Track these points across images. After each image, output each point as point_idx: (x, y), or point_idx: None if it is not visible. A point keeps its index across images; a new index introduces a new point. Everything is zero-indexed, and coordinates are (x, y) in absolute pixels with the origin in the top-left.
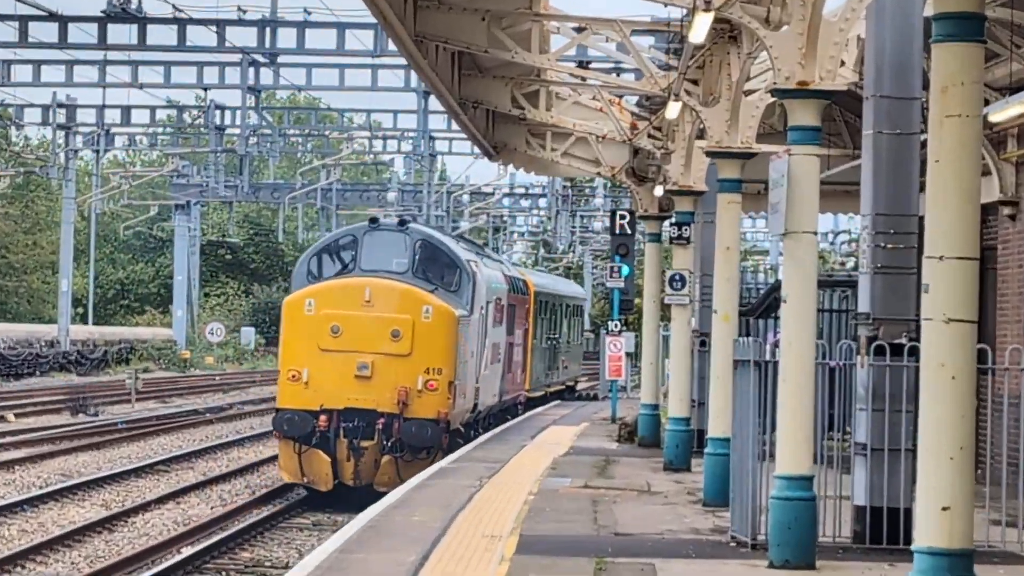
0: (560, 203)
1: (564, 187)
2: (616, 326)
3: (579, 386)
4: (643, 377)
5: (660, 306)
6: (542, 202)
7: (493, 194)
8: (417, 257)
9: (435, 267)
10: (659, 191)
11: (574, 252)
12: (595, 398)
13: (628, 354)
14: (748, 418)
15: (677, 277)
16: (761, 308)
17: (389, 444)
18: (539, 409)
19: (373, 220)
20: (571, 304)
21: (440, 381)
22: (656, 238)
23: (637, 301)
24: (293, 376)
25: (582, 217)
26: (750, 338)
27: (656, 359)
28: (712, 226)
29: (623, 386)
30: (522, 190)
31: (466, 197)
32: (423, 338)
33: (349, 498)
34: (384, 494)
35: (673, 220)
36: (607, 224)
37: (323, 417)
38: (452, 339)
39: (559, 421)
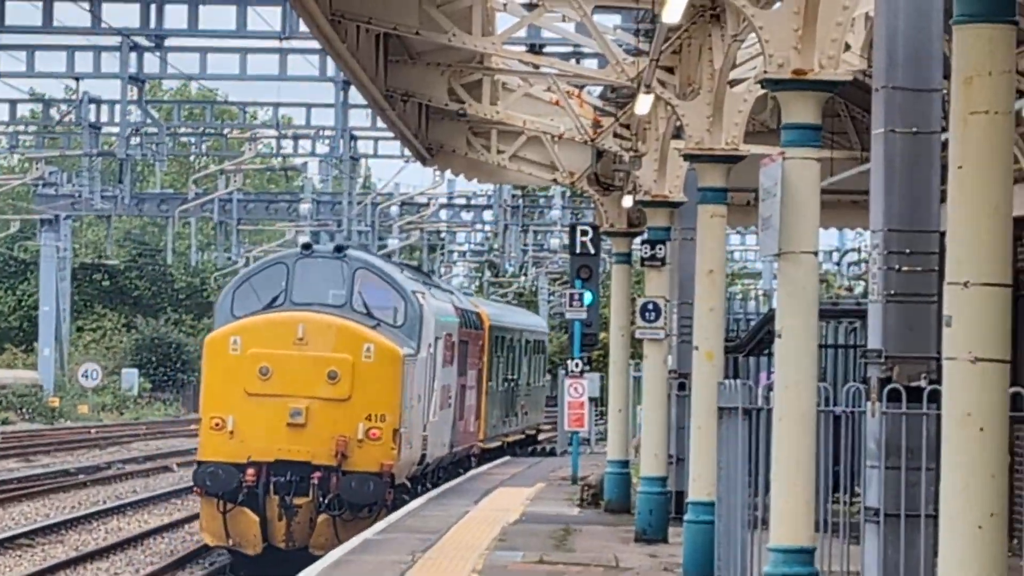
0: (509, 216)
1: (514, 197)
2: (577, 366)
3: (541, 436)
4: (610, 428)
5: (631, 341)
6: (487, 215)
7: (428, 205)
8: (356, 288)
9: (377, 299)
10: (628, 202)
11: (526, 275)
12: (552, 453)
13: (592, 399)
14: (737, 478)
15: (650, 306)
16: (752, 344)
17: (326, 501)
18: (484, 467)
19: (306, 246)
20: (531, 339)
21: (384, 429)
22: (625, 258)
23: (603, 335)
24: (216, 424)
25: (536, 233)
26: (738, 380)
27: (626, 406)
28: (692, 244)
29: (586, 439)
30: (463, 201)
31: (395, 209)
32: (364, 380)
33: (281, 563)
34: (320, 558)
35: (645, 237)
36: (565, 242)
37: (251, 471)
38: (397, 381)
39: (509, 481)
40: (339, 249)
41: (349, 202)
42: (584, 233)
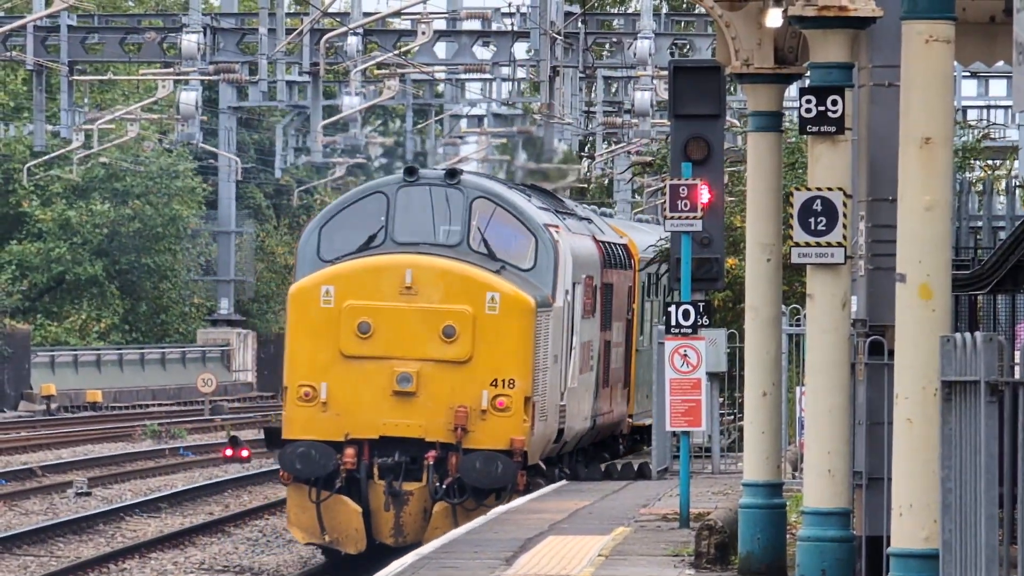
0: (560, 52)
1: (568, 17)
2: (687, 317)
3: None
4: (747, 427)
5: (782, 271)
6: (520, 50)
7: (414, 34)
8: (474, 223)
9: (500, 236)
10: (775, 19)
11: (591, 158)
12: (643, 474)
13: (714, 376)
14: (978, 508)
15: (818, 206)
16: (1001, 270)
17: (444, 486)
18: (521, 500)
19: (410, 171)
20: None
21: (513, 397)
22: (772, 122)
23: (730, 262)
24: (306, 394)
25: (608, 81)
26: (978, 334)
27: (775, 386)
28: (893, 93)
29: (704, 445)
30: (476, 26)
31: (354, 41)
32: (488, 338)
33: (389, 564)
34: None
35: (807, 82)
36: (661, 96)
37: (349, 451)
38: (528, 338)
39: (565, 523)
40: (451, 174)
41: (270, 29)
42: (696, 78)
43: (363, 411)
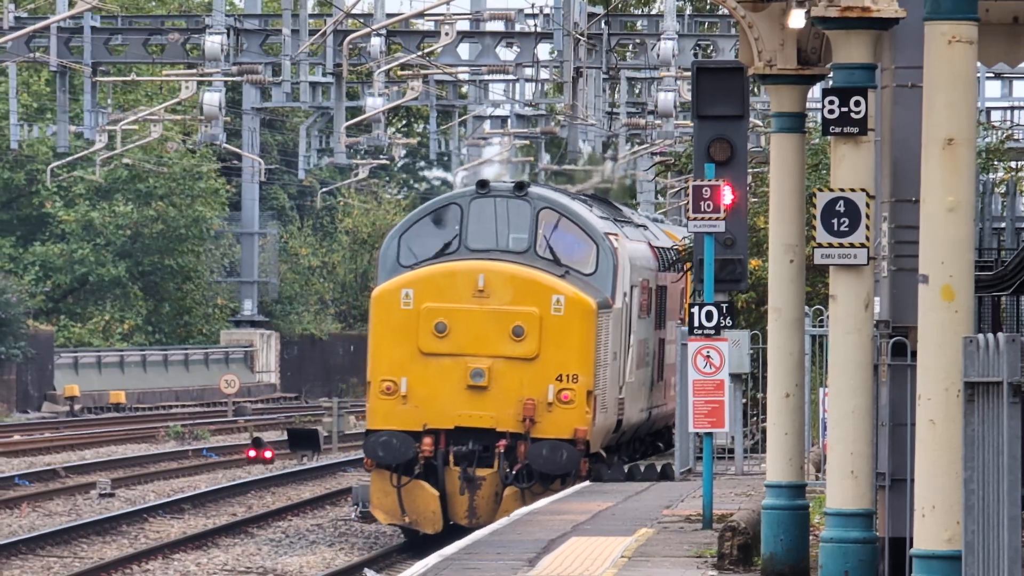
0: (583, 52)
1: (592, 18)
2: (710, 318)
3: None
4: (770, 428)
5: (805, 272)
6: (544, 51)
7: (437, 35)
8: (540, 231)
9: (564, 244)
10: (798, 20)
11: (613, 159)
12: (666, 475)
13: (736, 377)
14: (1001, 509)
15: (841, 207)
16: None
17: (513, 472)
18: (544, 501)
19: (482, 184)
20: None
21: (576, 391)
22: (795, 124)
23: (753, 263)
24: (388, 388)
25: (631, 82)
26: (1001, 335)
27: (798, 387)
28: (915, 95)
29: (727, 447)
30: (499, 27)
31: (377, 42)
32: (553, 336)
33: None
34: None
35: (830, 83)
36: (685, 97)
37: (427, 440)
38: (590, 337)
39: (588, 524)
40: (520, 186)
41: (294, 30)
42: (719, 79)
43: (440, 403)
